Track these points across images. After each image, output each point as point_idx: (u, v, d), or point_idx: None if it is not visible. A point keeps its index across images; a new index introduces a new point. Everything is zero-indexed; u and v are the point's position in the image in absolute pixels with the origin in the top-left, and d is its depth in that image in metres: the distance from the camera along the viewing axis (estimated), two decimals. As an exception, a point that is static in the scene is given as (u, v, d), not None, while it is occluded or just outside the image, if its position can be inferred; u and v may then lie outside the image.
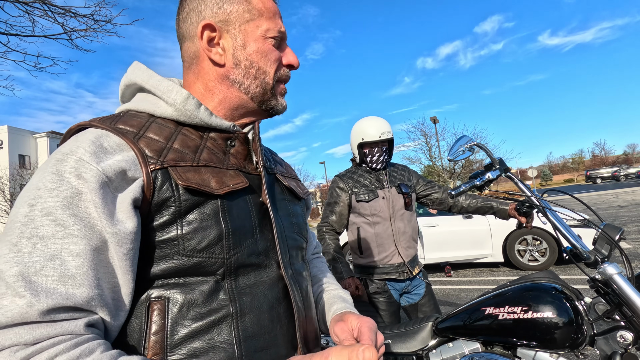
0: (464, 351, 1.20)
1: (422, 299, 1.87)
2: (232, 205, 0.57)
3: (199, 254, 0.52)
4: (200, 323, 0.51)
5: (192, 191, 0.53)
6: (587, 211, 8.32)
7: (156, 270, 0.51)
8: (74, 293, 0.42)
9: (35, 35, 5.09)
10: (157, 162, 0.52)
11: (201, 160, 0.57)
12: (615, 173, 35.37)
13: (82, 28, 5.18)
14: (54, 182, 0.46)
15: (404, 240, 1.86)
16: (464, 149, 1.41)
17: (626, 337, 0.95)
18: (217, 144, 0.62)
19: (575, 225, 4.19)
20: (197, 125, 0.61)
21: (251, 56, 0.63)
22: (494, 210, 1.81)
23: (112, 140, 0.52)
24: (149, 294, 0.51)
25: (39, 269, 0.42)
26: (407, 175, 2.01)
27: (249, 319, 0.55)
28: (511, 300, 1.12)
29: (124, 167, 0.49)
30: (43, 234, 0.43)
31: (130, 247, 0.47)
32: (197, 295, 0.52)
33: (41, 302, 0.40)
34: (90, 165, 0.47)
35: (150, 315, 0.50)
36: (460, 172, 19.29)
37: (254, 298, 0.56)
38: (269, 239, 0.61)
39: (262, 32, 0.63)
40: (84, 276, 0.43)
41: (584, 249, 1.05)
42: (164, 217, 0.51)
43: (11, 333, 0.38)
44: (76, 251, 0.44)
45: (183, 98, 0.59)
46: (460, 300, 4.47)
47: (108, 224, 0.46)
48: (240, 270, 0.56)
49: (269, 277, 0.59)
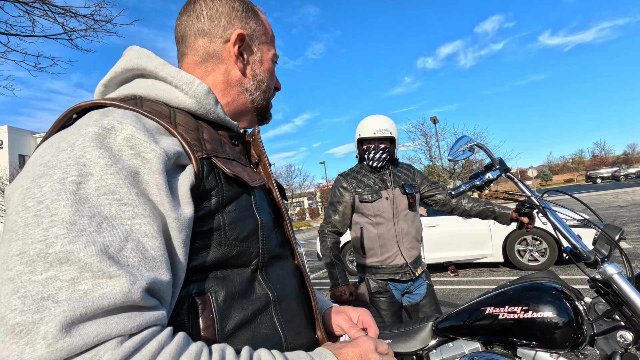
0: (464, 351, 1.20)
1: (423, 299, 1.87)
2: (260, 198, 0.60)
3: (240, 243, 0.53)
4: (245, 313, 0.52)
5: (234, 181, 0.54)
6: (587, 211, 8.32)
7: (198, 263, 0.48)
8: (157, 277, 0.39)
9: (35, 35, 5.09)
10: (202, 150, 0.52)
11: (228, 154, 0.57)
12: (615, 173, 35.37)
13: (82, 28, 5.19)
14: (107, 157, 0.40)
15: (407, 241, 1.85)
16: (464, 149, 1.42)
17: (626, 337, 0.95)
18: (228, 142, 0.63)
19: (575, 225, 4.19)
20: (210, 121, 0.61)
21: (264, 73, 0.72)
22: (496, 214, 1.81)
23: (151, 124, 0.48)
24: (189, 289, 0.48)
25: (119, 249, 0.37)
26: (411, 175, 2.00)
27: (285, 305, 0.58)
28: (511, 300, 1.12)
29: (179, 151, 0.47)
30: (107, 213, 0.38)
31: (188, 233, 0.45)
32: (237, 286, 0.52)
33: (140, 280, 0.36)
34: (150, 145, 0.43)
35: (195, 311, 0.47)
36: (460, 172, 19.29)
37: (284, 286, 0.60)
38: (282, 233, 0.66)
39: (271, 56, 0.73)
40: (162, 258, 0.40)
41: (584, 249, 1.05)
42: (208, 207, 0.50)
43: (113, 320, 0.34)
44: (150, 232, 0.40)
45: (205, 92, 0.58)
46: (460, 300, 4.47)
47: (171, 207, 0.43)
48: (270, 260, 0.58)
49: (289, 266, 0.64)
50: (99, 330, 0.33)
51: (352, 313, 0.72)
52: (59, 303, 0.32)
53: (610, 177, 35.91)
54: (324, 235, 1.91)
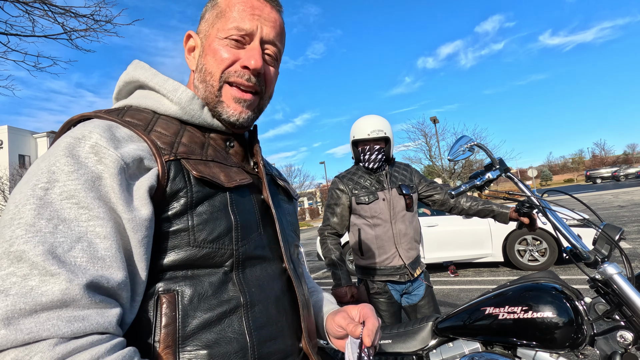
0: (464, 351, 1.20)
1: (421, 300, 1.86)
2: (239, 199, 0.59)
3: (209, 244, 0.52)
4: (211, 314, 0.51)
5: (204, 183, 0.54)
6: (587, 211, 8.32)
7: (166, 262, 0.51)
8: (105, 275, 0.41)
9: (35, 35, 5.09)
10: (170, 153, 0.53)
11: (209, 155, 0.59)
12: (615, 173, 35.36)
13: (82, 28, 5.19)
14: (71, 165, 0.44)
15: (405, 242, 1.85)
16: (464, 149, 1.41)
17: (626, 337, 0.95)
18: (218, 144, 0.64)
19: (575, 225, 4.19)
20: (199, 125, 0.63)
21: (205, 59, 0.63)
22: (495, 213, 1.81)
23: (123, 131, 0.52)
24: (157, 287, 0.50)
25: (67, 249, 0.40)
26: (408, 175, 1.98)
27: (258, 309, 0.56)
28: (511, 300, 1.12)
29: (140, 156, 0.50)
30: (65, 216, 0.42)
31: (144, 234, 0.47)
32: (206, 287, 0.52)
33: (79, 277, 0.38)
34: (109, 151, 0.47)
35: (159, 308, 0.49)
36: (460, 172, 19.29)
37: (261, 289, 0.57)
38: (270, 234, 0.63)
39: (215, 33, 0.62)
40: (113, 258, 0.43)
41: (584, 249, 1.05)
42: (175, 208, 0.52)
43: (48, 321, 0.36)
44: (103, 233, 0.43)
45: (189, 97, 0.61)
46: (460, 300, 4.47)
47: (125, 209, 0.46)
48: (247, 262, 0.57)
49: (273, 269, 0.61)
50: (34, 328, 0.35)
51: (353, 311, 0.69)
52: (8, 296, 0.35)
53: (610, 177, 35.91)
54: (324, 238, 1.90)
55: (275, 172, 0.80)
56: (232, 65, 0.61)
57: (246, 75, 0.61)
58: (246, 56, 0.61)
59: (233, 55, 0.61)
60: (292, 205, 0.79)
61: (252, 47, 0.61)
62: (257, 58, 0.60)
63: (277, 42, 0.65)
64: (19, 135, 31.25)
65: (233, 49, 0.61)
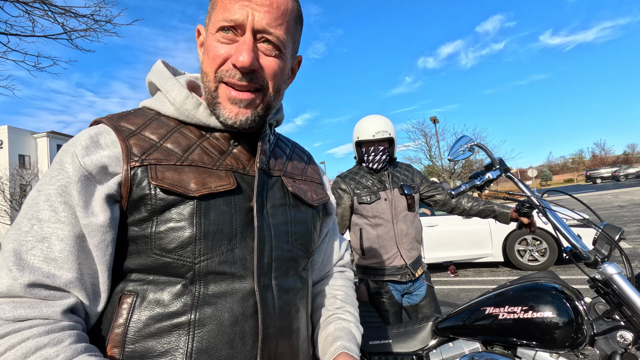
0: (464, 351, 1.20)
1: (422, 300, 1.86)
2: (210, 208, 0.54)
3: (168, 254, 0.51)
4: (161, 324, 0.50)
5: (166, 191, 0.53)
6: (587, 211, 8.31)
7: (131, 265, 0.53)
8: (54, 274, 0.46)
9: (35, 35, 5.09)
10: (139, 159, 0.53)
11: (188, 159, 0.56)
12: (615, 173, 35.35)
13: (82, 28, 5.19)
14: (55, 170, 0.51)
15: (406, 242, 1.85)
16: (464, 149, 1.41)
17: (626, 337, 0.95)
18: (218, 144, 0.61)
19: (575, 225, 4.19)
20: (197, 125, 0.61)
21: (203, 57, 0.59)
22: (496, 213, 1.81)
23: (109, 138, 0.55)
24: (123, 286, 0.53)
25: (30, 248, 0.46)
26: (410, 176, 1.99)
27: (207, 330, 0.51)
28: (511, 300, 1.12)
29: (105, 163, 0.52)
30: (42, 217, 0.48)
31: (100, 239, 0.50)
32: (165, 295, 0.51)
33: (24, 277, 0.44)
34: (77, 159, 0.51)
35: (119, 307, 0.51)
36: (460, 172, 19.28)
37: (217, 309, 0.52)
38: (250, 247, 0.56)
39: (210, 28, 0.57)
40: (65, 260, 0.47)
41: (584, 249, 1.05)
42: (141, 213, 0.52)
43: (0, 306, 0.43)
44: (62, 236, 0.48)
45: (182, 97, 0.61)
46: (460, 300, 4.47)
47: (82, 215, 0.49)
48: (210, 277, 0.52)
49: (241, 289, 0.54)
50: None
51: None
52: None
53: (610, 177, 35.89)
54: None
55: (293, 170, 0.71)
56: (224, 64, 0.55)
57: (237, 75, 0.55)
58: (235, 52, 0.54)
59: (225, 52, 0.55)
60: (306, 212, 0.68)
61: (242, 41, 0.54)
62: (246, 54, 0.53)
63: (276, 28, 0.56)
64: (19, 135, 31.23)
65: (225, 44, 0.55)
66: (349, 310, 0.75)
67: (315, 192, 0.72)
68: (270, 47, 0.57)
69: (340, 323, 0.71)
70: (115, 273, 0.53)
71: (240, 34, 0.55)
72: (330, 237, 0.83)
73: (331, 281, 0.81)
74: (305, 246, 0.67)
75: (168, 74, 0.63)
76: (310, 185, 0.73)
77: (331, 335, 0.68)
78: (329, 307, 0.75)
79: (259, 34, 0.55)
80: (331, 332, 0.69)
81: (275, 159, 0.69)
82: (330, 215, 0.80)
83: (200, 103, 0.61)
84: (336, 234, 0.86)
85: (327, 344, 0.67)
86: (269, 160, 0.67)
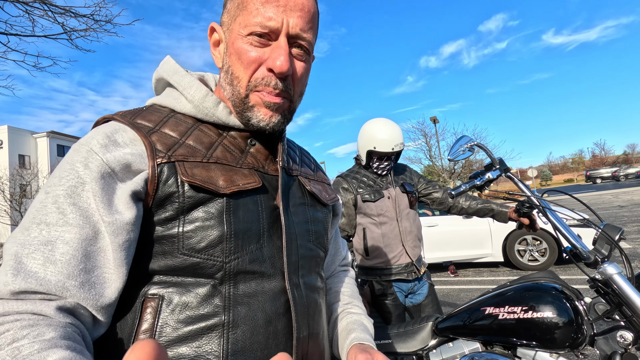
0: (464, 351, 1.20)
1: (425, 299, 1.86)
2: (238, 206, 0.54)
3: (197, 254, 0.50)
4: (191, 328, 0.49)
5: (196, 188, 0.51)
6: (587, 211, 8.31)
7: (155, 266, 0.50)
8: (49, 279, 0.43)
9: (35, 35, 5.10)
10: (165, 155, 0.51)
11: (213, 157, 0.56)
12: (615, 173, 35.37)
13: (82, 28, 5.19)
14: (65, 171, 0.48)
15: (410, 239, 1.85)
16: (464, 149, 1.41)
17: (626, 337, 0.95)
18: (236, 143, 0.61)
19: (575, 225, 4.19)
20: (216, 123, 0.60)
21: (230, 59, 0.57)
22: (494, 212, 1.81)
23: (127, 135, 0.52)
24: (145, 290, 0.50)
25: (32, 251, 0.44)
26: (408, 175, 2.00)
27: (242, 331, 0.50)
28: (511, 300, 1.12)
29: (128, 160, 0.50)
30: (49, 220, 0.45)
31: (126, 237, 0.47)
32: (192, 297, 0.50)
33: (15, 283, 0.42)
34: (97, 156, 0.48)
35: (143, 312, 0.49)
36: (460, 172, 19.28)
37: (250, 309, 0.52)
38: (277, 246, 0.57)
39: (238, 29, 0.56)
40: (65, 264, 0.44)
41: (584, 249, 1.05)
42: (167, 212, 0.50)
43: None
44: (67, 239, 0.45)
45: (202, 95, 0.59)
46: (460, 300, 4.47)
47: (105, 213, 0.46)
48: (240, 276, 0.52)
49: (271, 287, 0.54)
50: None
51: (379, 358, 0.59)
52: None
53: (610, 177, 35.90)
54: None
55: (308, 171, 0.73)
56: (259, 69, 0.55)
57: (273, 81, 0.55)
58: (271, 57, 0.54)
59: (258, 56, 0.55)
60: (322, 212, 0.70)
61: (278, 46, 0.54)
62: (284, 59, 0.53)
63: (307, 32, 0.56)
64: (19, 135, 31.23)
65: (258, 48, 0.55)
66: (356, 304, 0.78)
67: (327, 192, 0.74)
68: (302, 52, 0.57)
69: (352, 317, 0.73)
70: (134, 276, 0.50)
71: (273, 38, 0.55)
72: (335, 237, 0.85)
73: (336, 280, 0.84)
74: (323, 245, 0.68)
75: (183, 71, 0.62)
76: (322, 185, 0.75)
77: (344, 329, 0.70)
78: (338, 305, 0.77)
79: (292, 39, 0.56)
80: (344, 327, 0.71)
81: (290, 159, 0.70)
82: (338, 216, 0.82)
83: (219, 101, 0.60)
84: (339, 234, 0.89)
85: (342, 339, 0.69)
86: (288, 160, 0.68)
